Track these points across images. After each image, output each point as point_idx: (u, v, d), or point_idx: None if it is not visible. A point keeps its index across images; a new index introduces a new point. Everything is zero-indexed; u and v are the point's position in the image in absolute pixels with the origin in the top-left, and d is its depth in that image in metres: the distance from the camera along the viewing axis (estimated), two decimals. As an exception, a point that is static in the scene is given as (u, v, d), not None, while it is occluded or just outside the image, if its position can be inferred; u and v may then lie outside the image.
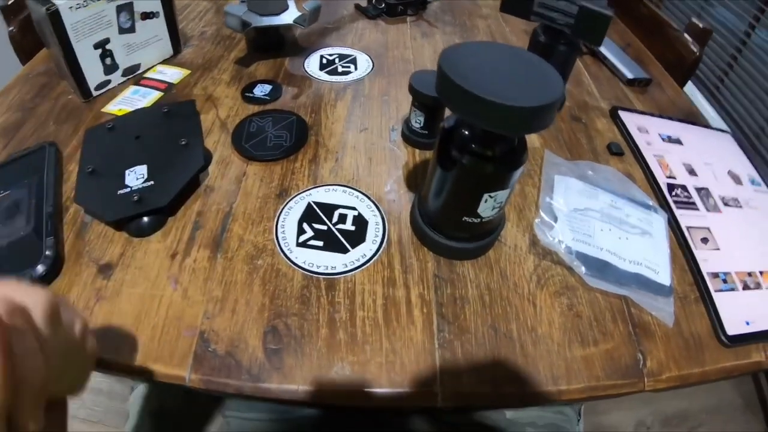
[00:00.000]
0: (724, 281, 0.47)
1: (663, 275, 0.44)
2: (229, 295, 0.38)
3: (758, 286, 0.48)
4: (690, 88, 1.63)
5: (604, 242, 0.44)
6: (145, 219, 0.43)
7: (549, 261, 0.43)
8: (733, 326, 0.43)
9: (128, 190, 0.43)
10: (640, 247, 0.45)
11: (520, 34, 0.70)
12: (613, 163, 0.53)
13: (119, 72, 0.57)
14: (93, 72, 0.55)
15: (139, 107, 0.54)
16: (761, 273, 0.50)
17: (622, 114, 0.59)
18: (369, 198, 0.45)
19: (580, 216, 0.46)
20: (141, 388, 0.55)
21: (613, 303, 0.42)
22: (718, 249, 0.49)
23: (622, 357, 0.39)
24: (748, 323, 0.44)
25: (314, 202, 0.44)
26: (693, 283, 0.46)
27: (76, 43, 0.52)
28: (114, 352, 0.35)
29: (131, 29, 0.56)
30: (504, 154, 0.35)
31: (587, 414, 0.97)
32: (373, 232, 0.42)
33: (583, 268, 0.42)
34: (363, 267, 0.40)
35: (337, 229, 0.42)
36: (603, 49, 0.68)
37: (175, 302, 0.37)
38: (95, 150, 0.47)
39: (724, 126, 1.47)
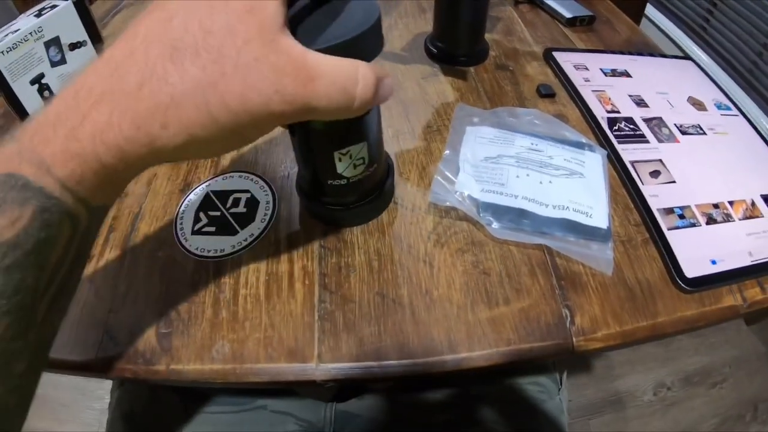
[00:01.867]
0: (681, 216, 0.39)
1: (598, 218, 0.37)
2: (131, 289, 0.36)
3: (728, 218, 0.40)
4: (675, 31, 1.44)
5: (519, 189, 0.38)
6: None
7: (452, 218, 0.37)
8: (693, 267, 0.36)
9: None
10: (566, 189, 0.39)
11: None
12: (543, 105, 0.46)
13: (59, 102, 0.57)
14: (34, 106, 0.55)
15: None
16: (731, 203, 0.41)
17: (557, 54, 0.52)
18: (262, 179, 0.41)
19: (492, 165, 0.39)
20: (117, 393, 0.54)
21: (531, 255, 0.36)
22: (673, 182, 0.41)
23: (543, 315, 0.33)
24: (714, 262, 0.36)
25: (212, 191, 0.41)
26: (640, 222, 0.38)
27: (13, 83, 0.52)
28: None
29: (62, 61, 0.56)
30: None
31: (601, 380, 0.86)
32: (263, 212, 0.38)
33: (493, 222, 0.36)
34: (250, 246, 0.37)
35: (229, 213, 0.39)
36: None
37: (89, 300, 0.35)
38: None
39: (715, 67, 1.28)
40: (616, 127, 0.45)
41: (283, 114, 0.21)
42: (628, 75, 0.51)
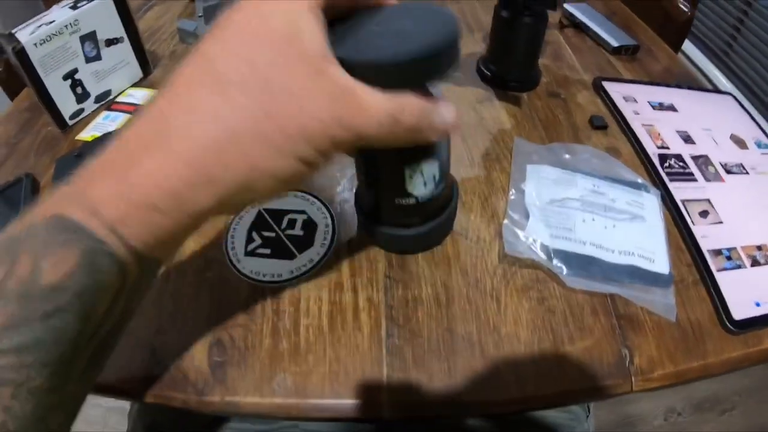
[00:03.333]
0: (728, 258, 0.40)
1: (660, 263, 0.38)
2: (179, 309, 0.35)
3: (771, 260, 0.40)
4: (697, 55, 1.47)
5: (587, 235, 0.38)
6: None
7: (510, 252, 0.37)
8: (740, 310, 0.36)
9: None
10: (631, 234, 0.39)
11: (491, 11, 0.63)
12: (596, 138, 0.46)
13: (91, 99, 0.56)
14: (65, 102, 0.53)
15: (109, 131, 0.52)
16: (774, 245, 0.41)
17: (606, 84, 0.52)
18: (319, 200, 0.40)
19: (558, 208, 0.39)
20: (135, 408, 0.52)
21: (593, 294, 0.36)
22: (721, 222, 0.42)
23: (604, 355, 0.33)
24: (758, 304, 0.37)
25: (265, 210, 0.40)
26: (691, 263, 0.39)
27: (45, 77, 0.50)
28: None
29: (97, 57, 0.55)
30: None
31: (613, 404, 0.88)
32: (322, 235, 0.38)
33: (564, 269, 0.36)
34: (310, 272, 0.36)
35: (285, 235, 0.38)
36: (586, 19, 0.60)
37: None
38: (65, 178, 0.45)
39: (737, 93, 1.33)
40: (667, 164, 0.45)
41: (342, 141, 0.21)
42: (674, 109, 0.52)
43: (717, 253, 0.39)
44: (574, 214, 0.39)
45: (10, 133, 0.56)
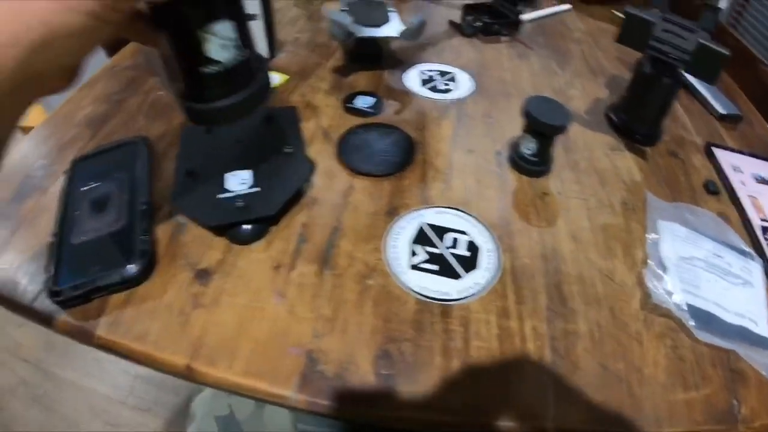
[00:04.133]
0: None
1: (762, 327, 0.42)
2: (339, 315, 0.36)
3: None
4: None
5: (710, 293, 0.42)
6: (247, 227, 0.40)
7: (653, 300, 0.41)
8: None
9: (231, 194, 0.40)
10: (742, 298, 0.43)
11: (613, 61, 0.67)
12: (711, 202, 0.50)
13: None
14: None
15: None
16: None
17: (717, 151, 0.56)
18: (481, 223, 0.43)
19: (687, 265, 0.43)
20: (209, 391, 0.54)
21: (712, 349, 0.40)
22: None
23: (719, 402, 0.37)
24: None
25: (426, 224, 0.43)
26: None
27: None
28: (210, 364, 0.33)
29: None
30: None
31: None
32: (486, 259, 0.41)
33: (692, 321, 0.40)
34: (477, 295, 0.38)
35: (450, 253, 0.41)
36: (695, 82, 0.64)
37: (280, 317, 0.35)
38: (193, 151, 0.45)
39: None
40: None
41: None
42: (773, 184, 0.57)
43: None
44: (700, 273, 0.44)
45: (111, 89, 0.56)
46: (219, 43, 0.32)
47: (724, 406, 0.37)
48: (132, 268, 0.36)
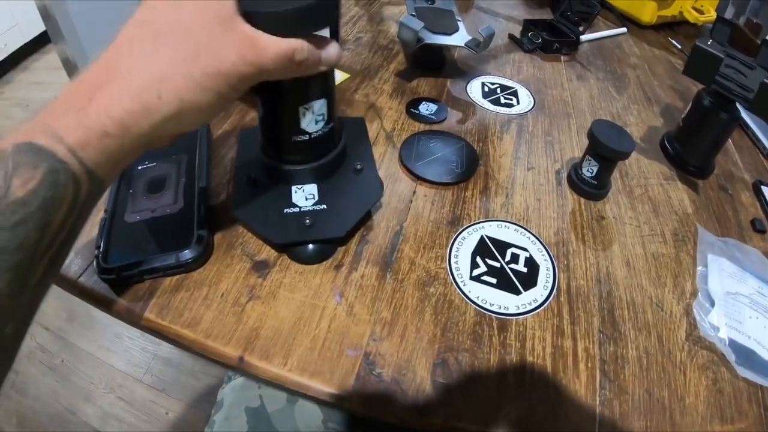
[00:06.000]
0: None
1: None
2: (398, 320, 0.36)
3: None
4: None
5: (752, 330, 0.42)
6: (312, 246, 0.38)
7: (699, 332, 0.41)
8: None
9: (296, 210, 0.38)
10: None
11: (667, 90, 0.66)
12: (756, 240, 0.50)
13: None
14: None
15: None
16: None
17: (765, 189, 0.56)
18: (540, 241, 0.43)
19: (732, 300, 0.44)
20: (240, 380, 0.53)
21: (750, 384, 0.41)
22: None
23: None
24: None
25: (487, 237, 0.43)
26: None
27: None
28: (265, 359, 0.33)
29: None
30: None
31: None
32: (544, 277, 0.41)
33: (733, 356, 0.40)
34: (534, 312, 0.39)
35: (509, 268, 0.41)
36: (747, 117, 0.63)
37: (339, 317, 0.35)
38: (253, 156, 0.41)
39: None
40: (807, 278, 0.50)
41: (248, 75, 0.28)
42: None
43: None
44: (744, 309, 0.44)
45: None
46: (312, 118, 0.36)
47: (757, 441, 0.38)
48: (188, 253, 0.35)
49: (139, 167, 0.42)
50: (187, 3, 0.27)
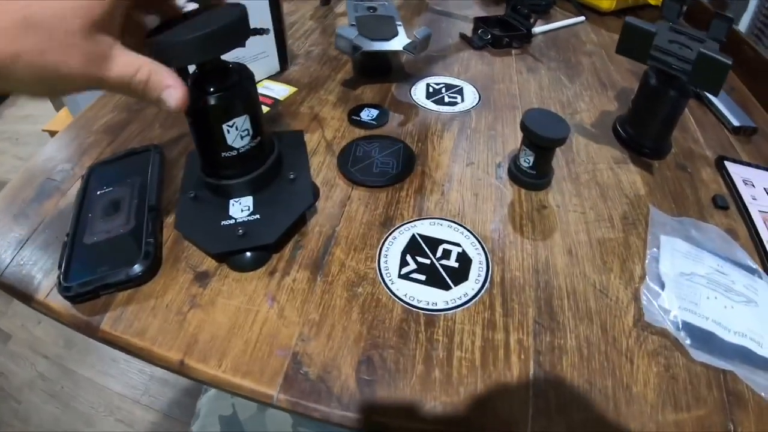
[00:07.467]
0: None
1: (767, 347, 0.39)
2: (326, 320, 0.36)
3: None
4: None
5: (709, 311, 0.39)
6: (248, 254, 0.39)
7: (648, 318, 0.39)
8: None
9: (232, 222, 0.39)
10: (745, 317, 0.40)
11: (625, 73, 0.64)
12: (718, 217, 0.47)
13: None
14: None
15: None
16: None
17: (729, 165, 0.53)
18: (474, 235, 0.42)
19: (686, 282, 0.41)
20: (213, 391, 0.55)
21: (709, 369, 0.38)
22: None
23: (713, 425, 0.35)
24: None
25: (419, 234, 0.42)
26: None
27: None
28: (202, 361, 0.34)
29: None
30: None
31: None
32: (476, 271, 0.40)
33: (688, 340, 0.37)
34: (464, 306, 0.37)
35: (440, 264, 0.40)
36: (709, 93, 0.60)
37: (271, 320, 0.36)
38: (197, 174, 0.42)
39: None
40: (779, 254, 0.47)
41: (84, 79, 0.28)
42: (789, 200, 0.53)
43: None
44: (700, 290, 0.41)
45: (130, 98, 0.57)
46: (237, 134, 0.37)
47: (719, 429, 0.35)
48: (137, 268, 0.37)
49: (98, 192, 0.44)
50: None
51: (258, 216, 0.39)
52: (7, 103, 2.21)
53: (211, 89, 0.35)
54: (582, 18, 0.76)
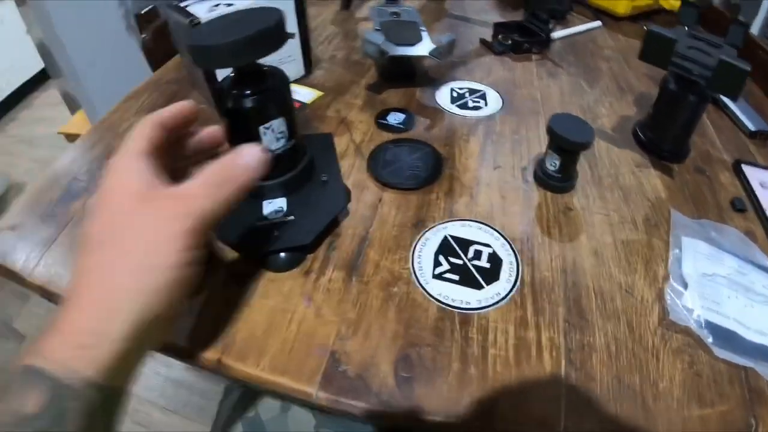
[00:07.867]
0: None
1: None
2: (363, 319, 0.37)
3: None
4: None
5: (731, 311, 0.41)
6: (284, 255, 0.40)
7: (672, 317, 0.40)
8: None
9: (267, 222, 0.40)
10: (764, 316, 0.41)
11: (642, 78, 0.65)
12: (737, 220, 0.49)
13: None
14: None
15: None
16: None
17: (746, 168, 0.54)
18: (503, 237, 0.43)
19: (708, 282, 0.42)
20: (237, 395, 0.54)
21: (731, 366, 0.39)
22: None
23: (736, 421, 0.36)
24: None
25: (450, 236, 0.43)
26: None
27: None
28: (240, 360, 0.34)
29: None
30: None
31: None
32: (507, 271, 0.41)
33: (710, 338, 0.39)
34: (497, 305, 0.39)
35: (472, 264, 0.41)
36: (724, 97, 0.61)
37: (308, 319, 0.37)
38: None
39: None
40: (796, 255, 0.48)
41: (195, 229, 0.27)
42: (803, 203, 0.54)
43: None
44: (722, 290, 0.42)
45: (156, 101, 0.57)
46: (273, 136, 0.38)
47: (741, 424, 0.36)
48: None
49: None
50: (111, 197, 0.27)
51: (293, 217, 0.40)
52: (21, 106, 2.20)
53: (248, 92, 0.36)
54: (598, 23, 0.77)
